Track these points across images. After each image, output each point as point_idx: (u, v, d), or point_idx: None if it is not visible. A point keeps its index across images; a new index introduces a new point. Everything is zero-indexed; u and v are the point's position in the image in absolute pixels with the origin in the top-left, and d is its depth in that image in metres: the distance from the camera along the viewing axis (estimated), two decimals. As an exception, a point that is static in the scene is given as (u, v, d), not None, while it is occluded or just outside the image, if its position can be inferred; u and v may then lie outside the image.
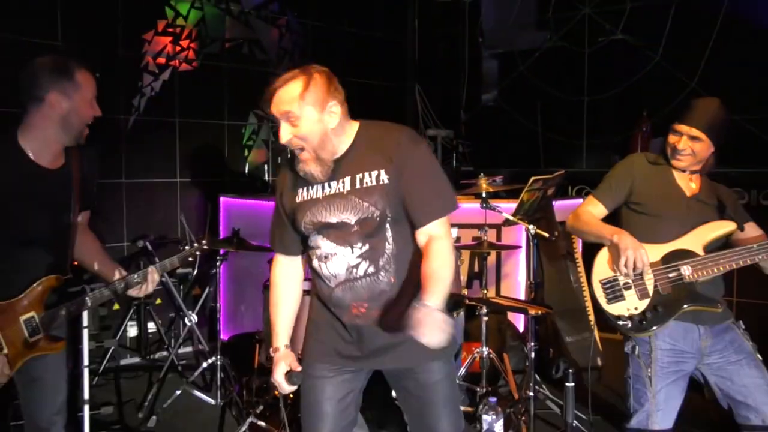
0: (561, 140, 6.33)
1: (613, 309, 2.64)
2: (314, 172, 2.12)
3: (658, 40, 5.67)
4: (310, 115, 2.10)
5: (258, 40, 5.92)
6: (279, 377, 2.28)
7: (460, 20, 7.02)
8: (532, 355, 3.80)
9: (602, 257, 2.69)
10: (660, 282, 2.60)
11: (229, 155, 5.82)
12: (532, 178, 3.94)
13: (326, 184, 2.17)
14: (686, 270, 2.58)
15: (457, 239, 4.61)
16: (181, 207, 5.48)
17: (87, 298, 2.50)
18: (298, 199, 2.21)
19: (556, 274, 5.01)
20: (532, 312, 3.58)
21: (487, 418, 3.45)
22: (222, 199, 5.57)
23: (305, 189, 2.20)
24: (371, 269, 2.14)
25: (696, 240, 2.62)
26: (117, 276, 2.61)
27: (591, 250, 5.72)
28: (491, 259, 4.96)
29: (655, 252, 2.62)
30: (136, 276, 2.57)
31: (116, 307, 5.01)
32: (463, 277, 4.86)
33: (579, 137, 6.29)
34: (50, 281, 2.46)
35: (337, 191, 2.14)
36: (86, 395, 3.06)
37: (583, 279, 5.13)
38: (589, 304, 5.11)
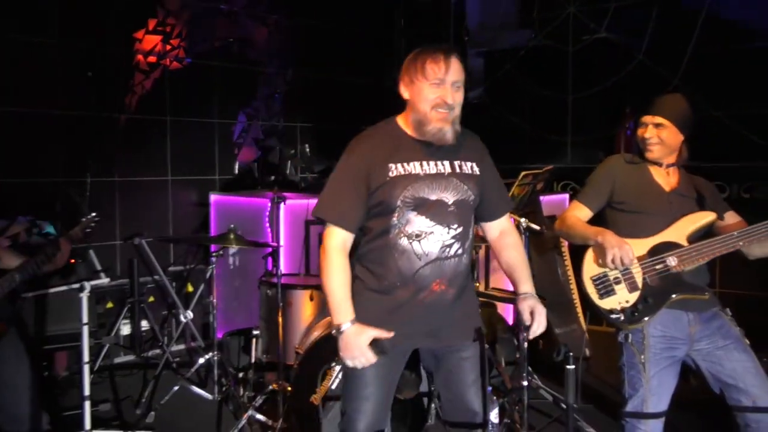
0: (546, 137, 6.43)
1: (606, 304, 2.72)
2: (449, 134, 2.28)
3: (642, 38, 5.79)
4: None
5: (248, 38, 5.95)
6: (363, 347, 2.23)
7: (445, 19, 7.09)
8: (525, 344, 3.89)
9: (590, 255, 2.79)
10: (648, 274, 2.70)
11: (219, 153, 5.86)
12: (523, 173, 4.03)
13: (424, 163, 2.31)
14: (672, 261, 2.68)
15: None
16: (173, 205, 5.51)
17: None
18: (392, 173, 2.27)
19: (544, 267, 5.12)
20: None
21: (482, 407, 3.51)
22: (213, 197, 5.60)
23: (399, 165, 2.29)
24: (460, 250, 2.32)
25: (679, 232, 2.73)
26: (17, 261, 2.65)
27: (578, 245, 5.82)
28: (482, 253, 5.04)
29: (641, 246, 2.72)
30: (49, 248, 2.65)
31: (110, 305, 5.03)
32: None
33: (564, 134, 6.40)
34: None
35: (438, 172, 2.31)
36: (86, 391, 3.11)
37: (570, 272, 5.23)
38: (576, 296, 5.22)
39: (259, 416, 3.81)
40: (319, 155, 6.41)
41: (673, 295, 2.67)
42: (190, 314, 4.87)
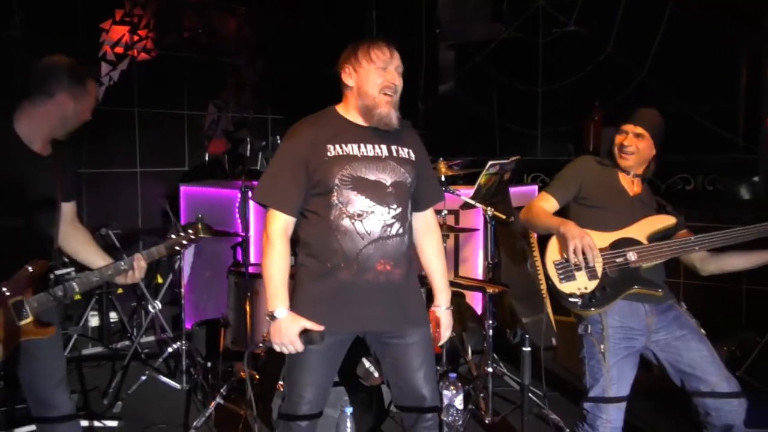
0: (516, 129, 6.49)
1: (565, 288, 2.79)
2: (392, 117, 2.37)
3: (610, 31, 5.86)
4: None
5: (216, 30, 5.93)
6: (293, 336, 2.29)
7: (416, 12, 7.12)
8: (490, 332, 3.94)
9: (554, 242, 2.86)
10: (608, 265, 2.77)
11: (189, 145, 5.83)
12: (489, 162, 4.07)
13: (361, 145, 2.38)
14: (632, 256, 2.76)
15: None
16: (141, 197, 5.48)
17: (74, 283, 2.53)
18: (330, 154, 2.34)
19: (512, 258, 5.16)
20: (490, 290, 3.70)
21: (447, 393, 3.52)
22: (182, 188, 5.58)
23: (337, 146, 2.35)
24: (401, 230, 2.38)
25: (641, 230, 2.82)
26: (103, 263, 2.65)
27: (546, 234, 5.88)
28: (450, 242, 5.08)
29: (603, 239, 2.79)
30: (123, 263, 2.59)
31: (77, 296, 4.99)
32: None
33: (534, 126, 6.46)
34: (38, 266, 2.49)
35: (375, 154, 2.38)
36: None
37: (539, 263, 5.27)
38: (544, 287, 5.27)
39: (227, 404, 3.82)
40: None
41: (630, 289, 2.75)
42: (158, 305, 4.85)
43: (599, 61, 5.93)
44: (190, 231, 2.71)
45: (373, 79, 2.36)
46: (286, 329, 2.28)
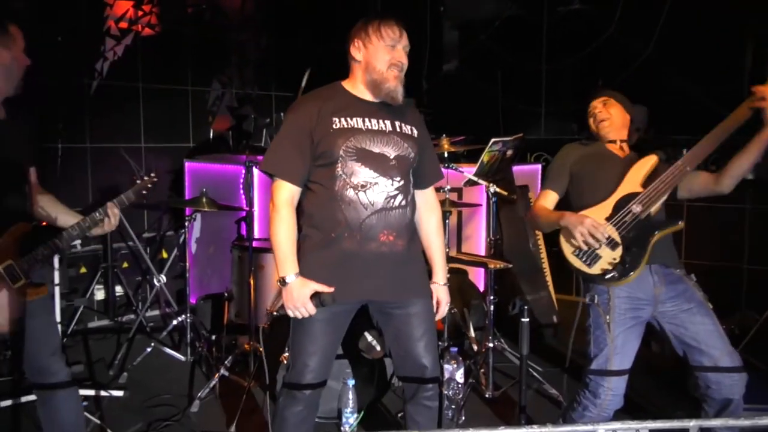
0: (521, 108, 6.50)
1: (596, 269, 2.79)
2: (399, 91, 2.44)
3: (614, 10, 5.84)
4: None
5: (220, 5, 5.92)
6: (305, 299, 2.34)
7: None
8: (492, 308, 3.99)
9: (563, 236, 2.87)
10: (621, 229, 2.77)
11: (193, 121, 5.85)
12: (492, 140, 4.08)
13: (366, 119, 2.43)
14: (636, 208, 2.76)
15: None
16: (146, 172, 5.49)
17: (56, 240, 2.59)
18: (336, 126, 2.38)
19: (515, 236, 5.20)
20: (491, 266, 3.74)
21: (448, 367, 3.60)
22: (187, 163, 5.61)
23: (342, 119, 2.41)
24: (403, 202, 2.44)
25: (632, 183, 2.82)
26: (76, 220, 2.68)
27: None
28: (453, 220, 5.11)
29: (604, 208, 2.81)
30: (97, 213, 2.64)
31: (83, 270, 5.05)
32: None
33: (538, 105, 6.46)
34: (21, 228, 2.53)
35: (379, 128, 2.44)
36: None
37: (541, 241, 5.33)
38: (546, 264, 5.32)
39: (231, 376, 3.88)
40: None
41: (653, 236, 2.75)
42: (163, 278, 4.90)
43: (603, 39, 5.92)
44: (153, 174, 2.89)
45: (382, 56, 2.41)
46: (298, 293, 2.33)
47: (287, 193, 2.42)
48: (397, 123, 2.49)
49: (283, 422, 2.52)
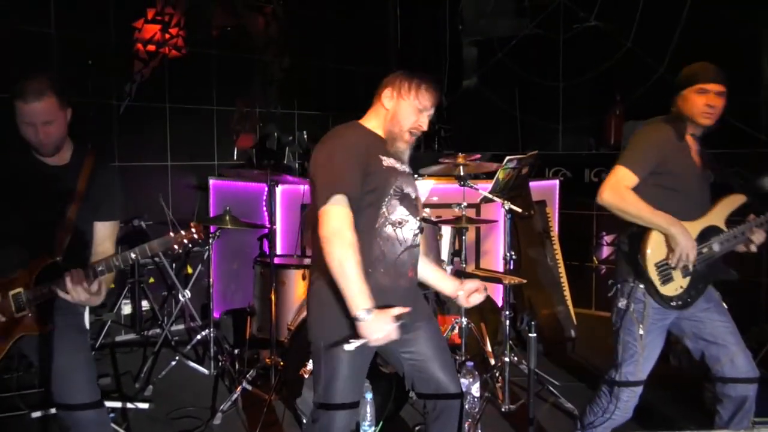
0: (538, 124, 6.57)
1: (666, 290, 2.77)
2: (407, 155, 2.52)
3: (630, 26, 5.91)
4: None
5: (245, 27, 6.09)
6: (391, 329, 2.21)
7: (440, 8, 7.22)
8: (507, 323, 4.05)
9: (655, 242, 2.75)
10: (698, 259, 2.76)
11: (218, 139, 6.01)
12: (507, 157, 4.16)
13: (398, 161, 2.50)
14: (716, 247, 2.78)
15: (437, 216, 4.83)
16: (172, 190, 5.65)
17: (66, 278, 2.50)
18: (385, 164, 2.43)
19: (532, 251, 5.26)
20: (506, 281, 3.81)
21: (464, 381, 3.65)
22: (212, 181, 5.76)
23: (387, 158, 2.45)
24: (419, 239, 2.52)
25: (719, 215, 2.82)
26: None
27: (568, 228, 5.94)
28: (471, 236, 5.19)
29: (691, 230, 2.75)
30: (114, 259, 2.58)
31: (111, 285, 5.19)
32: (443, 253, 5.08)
33: (555, 121, 6.53)
34: (41, 260, 2.58)
35: (404, 170, 2.51)
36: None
37: (559, 256, 5.38)
38: (564, 279, 5.36)
39: (253, 389, 3.98)
40: (315, 142, 6.52)
41: (714, 278, 2.79)
42: (187, 293, 5.02)
43: (619, 56, 5.98)
44: (193, 229, 2.52)
45: (410, 115, 2.45)
46: (384, 324, 2.20)
47: (347, 215, 2.24)
48: (407, 165, 2.56)
49: None
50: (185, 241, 2.50)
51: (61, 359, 2.56)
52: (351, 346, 2.17)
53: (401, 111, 2.46)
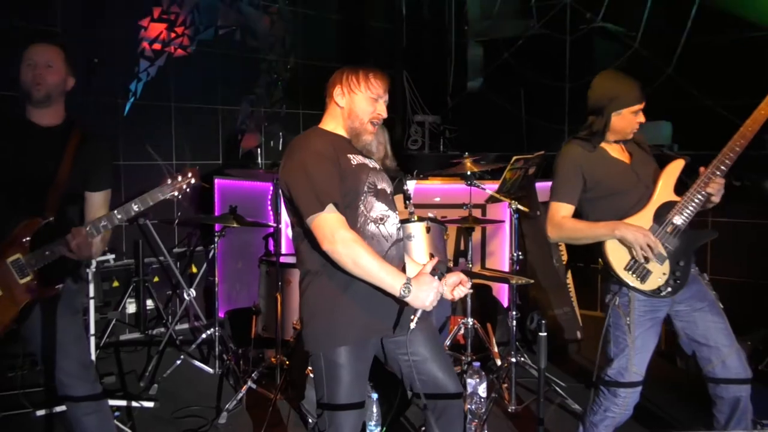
0: (544, 125, 6.55)
1: (650, 285, 2.77)
2: (374, 145, 2.60)
3: (637, 27, 5.89)
4: None
5: (250, 27, 6.08)
6: (436, 288, 2.20)
7: (446, 9, 7.21)
8: (514, 323, 4.04)
9: (611, 249, 2.79)
10: (665, 240, 2.76)
11: (223, 139, 6.00)
12: (514, 158, 4.15)
13: (365, 157, 2.49)
14: (677, 219, 2.76)
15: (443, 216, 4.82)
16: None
17: (69, 236, 2.51)
18: (354, 162, 2.40)
19: (538, 252, 5.24)
20: (513, 281, 3.79)
21: (471, 382, 3.64)
22: (217, 180, 5.75)
23: (354, 156, 2.43)
24: (401, 233, 2.51)
25: (666, 189, 2.81)
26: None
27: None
28: (477, 236, 5.17)
29: (644, 218, 2.78)
30: (116, 212, 2.56)
31: (116, 284, 5.19)
32: (449, 254, 5.07)
33: (561, 122, 6.51)
34: (33, 223, 2.53)
35: (374, 166, 2.49)
36: (92, 358, 3.26)
37: (565, 257, 5.36)
38: (570, 281, 5.35)
39: (258, 388, 3.97)
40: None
41: (695, 246, 2.77)
42: (193, 293, 5.01)
43: (626, 56, 5.96)
44: (190, 174, 2.55)
45: (366, 107, 2.44)
46: (428, 288, 2.18)
47: (338, 216, 2.23)
48: (376, 161, 2.56)
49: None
50: (184, 185, 2.54)
51: (54, 331, 2.58)
52: (413, 323, 2.24)
53: (357, 105, 2.45)
